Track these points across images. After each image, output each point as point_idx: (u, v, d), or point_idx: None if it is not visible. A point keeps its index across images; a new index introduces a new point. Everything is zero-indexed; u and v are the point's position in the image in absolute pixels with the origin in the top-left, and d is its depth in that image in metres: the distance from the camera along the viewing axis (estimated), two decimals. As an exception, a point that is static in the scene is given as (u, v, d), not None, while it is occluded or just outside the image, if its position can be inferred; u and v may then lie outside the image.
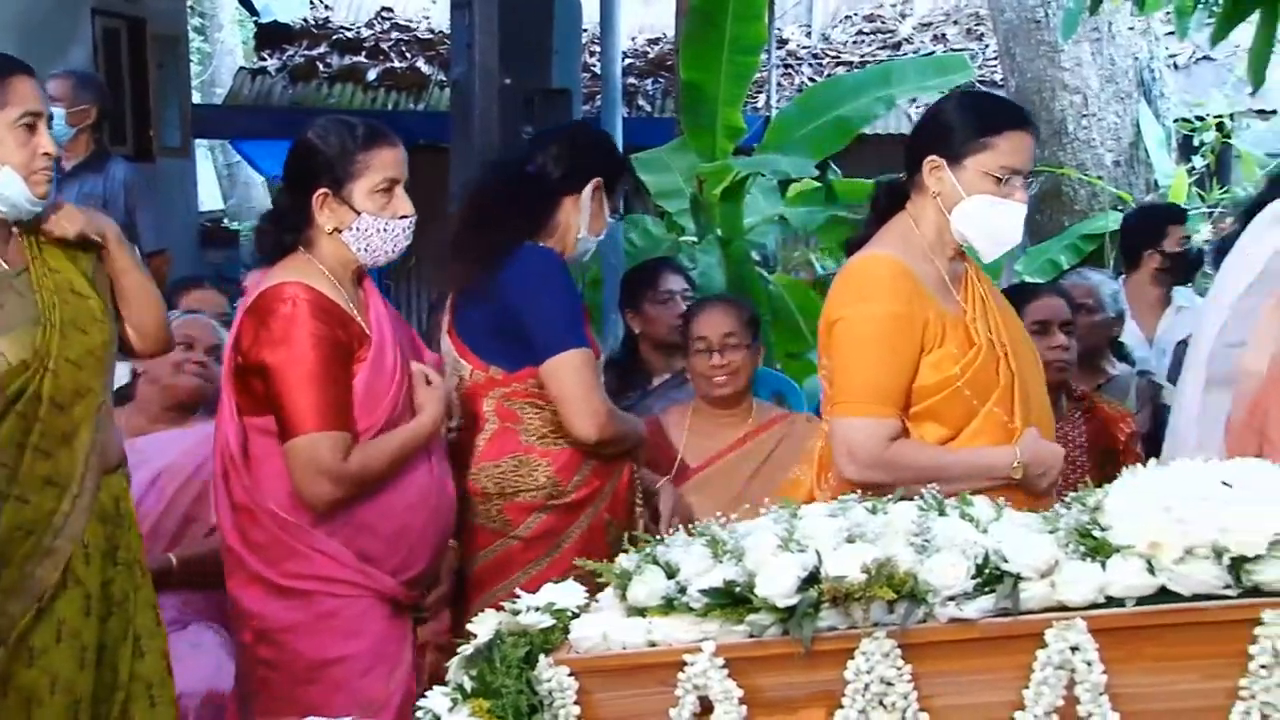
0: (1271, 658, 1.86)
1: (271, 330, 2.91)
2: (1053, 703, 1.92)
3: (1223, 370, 3.19)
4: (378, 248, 3.01)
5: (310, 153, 3.01)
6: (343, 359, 2.93)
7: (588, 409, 3.13)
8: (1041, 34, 8.11)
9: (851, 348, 2.85)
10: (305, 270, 2.98)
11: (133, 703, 2.97)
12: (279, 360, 2.89)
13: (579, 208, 3.28)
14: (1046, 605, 1.96)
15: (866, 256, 2.93)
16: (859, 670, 1.97)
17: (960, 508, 2.15)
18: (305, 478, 2.87)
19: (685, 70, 7.12)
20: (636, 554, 2.15)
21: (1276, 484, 2.05)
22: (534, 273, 3.20)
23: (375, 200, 2.98)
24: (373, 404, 2.95)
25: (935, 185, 2.88)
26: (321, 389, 2.88)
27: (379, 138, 3.02)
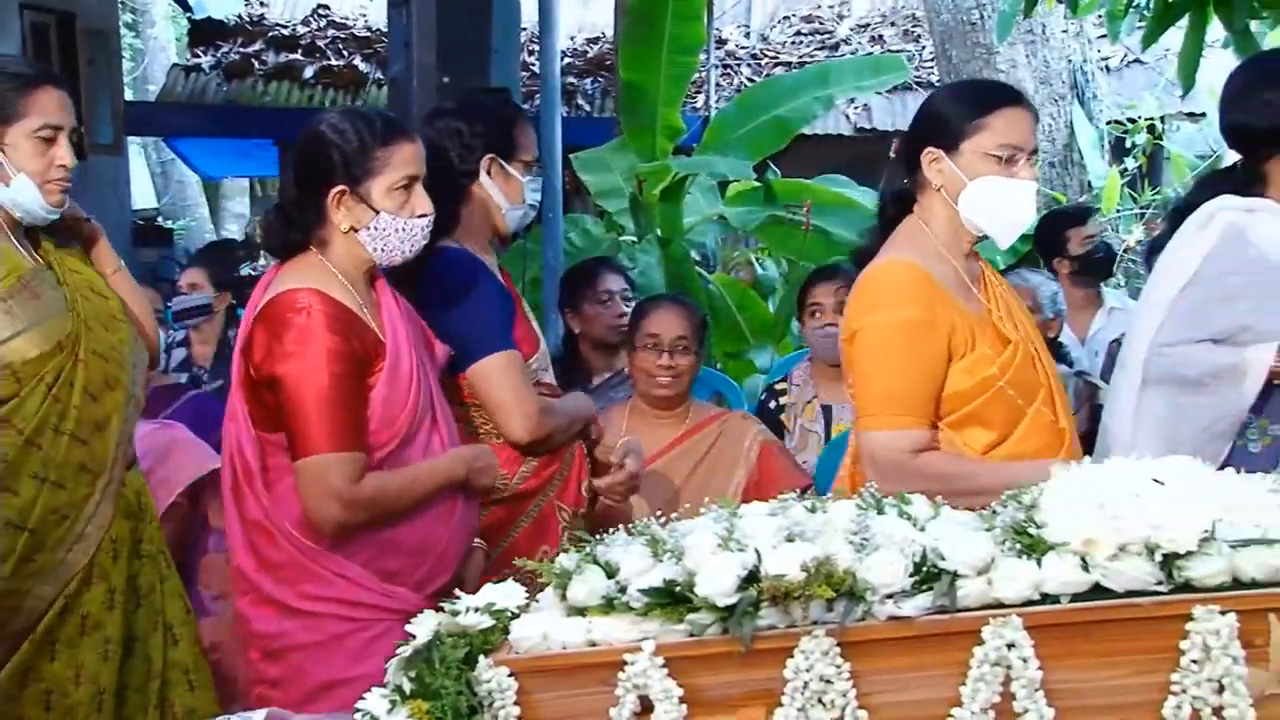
0: (1202, 653, 1.89)
1: (284, 343, 2.78)
2: (989, 699, 1.94)
3: (1158, 370, 3.24)
4: (394, 247, 2.88)
5: (325, 148, 2.85)
6: (358, 374, 2.81)
7: (517, 411, 3.05)
8: (977, 36, 8.19)
9: (870, 358, 2.78)
10: (318, 274, 2.85)
11: (171, 689, 3.07)
12: (292, 376, 2.76)
13: (485, 189, 3.21)
14: (983, 602, 1.98)
15: (882, 263, 2.86)
16: (798, 668, 1.97)
17: (898, 506, 2.16)
18: (315, 499, 2.76)
19: (624, 70, 7.13)
20: (576, 553, 2.15)
21: (1207, 482, 2.09)
22: (451, 279, 3.12)
23: (394, 198, 2.85)
24: (391, 416, 2.84)
25: (937, 178, 2.82)
26: (335, 408, 2.76)
27: (398, 132, 2.90)
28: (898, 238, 2.90)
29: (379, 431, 2.83)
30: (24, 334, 2.86)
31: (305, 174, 2.90)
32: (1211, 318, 3.17)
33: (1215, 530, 1.93)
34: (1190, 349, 3.18)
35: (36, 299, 2.90)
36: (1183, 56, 3.98)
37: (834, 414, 4.65)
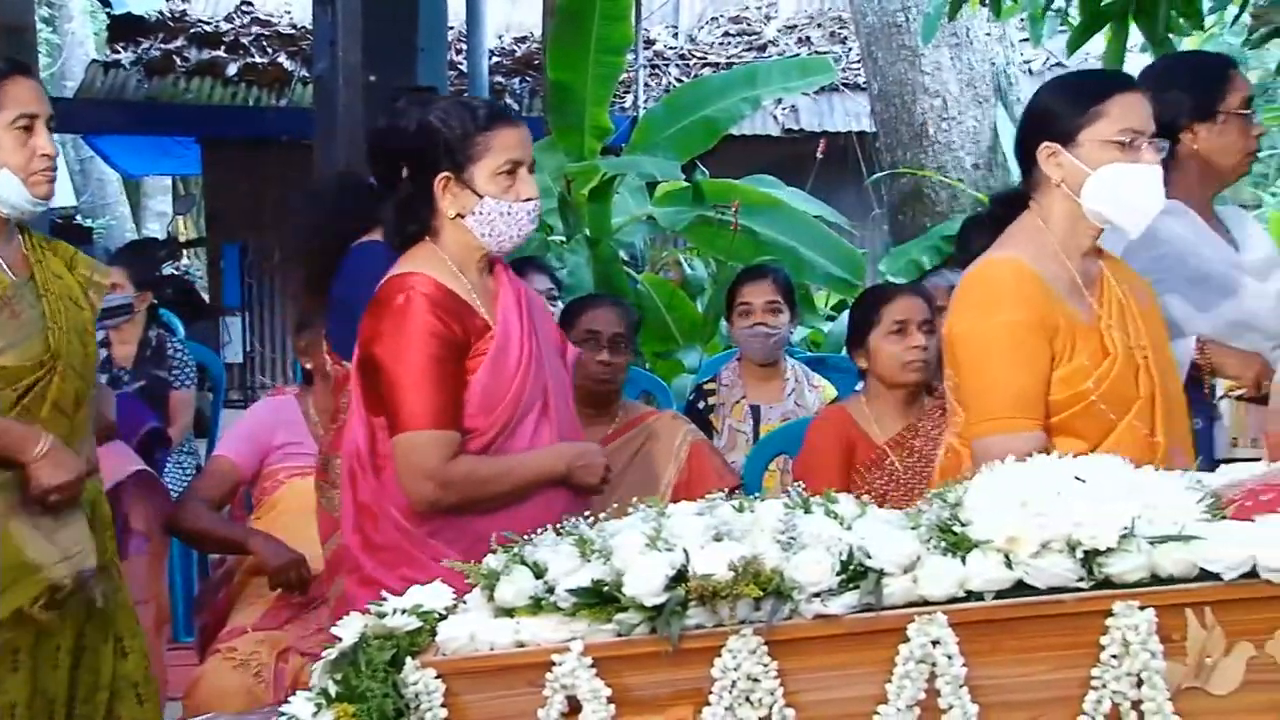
0: (1121, 648, 1.92)
1: (384, 323, 2.82)
2: (914, 696, 1.95)
3: None
4: (502, 232, 2.88)
5: (431, 136, 2.87)
6: (455, 356, 2.81)
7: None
8: (902, 38, 8.26)
9: (976, 362, 2.69)
10: (429, 261, 2.88)
11: (119, 701, 3.03)
12: (389, 354, 2.80)
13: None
14: (909, 600, 1.99)
15: (988, 260, 2.77)
16: (726, 667, 1.98)
17: (825, 505, 2.17)
18: (408, 476, 2.78)
19: (552, 70, 7.12)
20: (504, 553, 2.14)
21: (1127, 479, 2.12)
22: (365, 269, 3.07)
23: (498, 183, 2.87)
24: (491, 404, 2.84)
25: (1057, 173, 2.71)
26: (429, 387, 2.78)
27: (500, 118, 2.92)
28: (1013, 235, 2.80)
29: (476, 417, 2.83)
30: (2, 354, 2.83)
31: (415, 163, 2.92)
32: None
33: (1135, 527, 1.96)
34: None
35: (16, 318, 2.87)
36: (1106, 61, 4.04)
37: (762, 414, 4.67)
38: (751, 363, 4.77)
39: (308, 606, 3.64)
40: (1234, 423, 3.19)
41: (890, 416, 3.74)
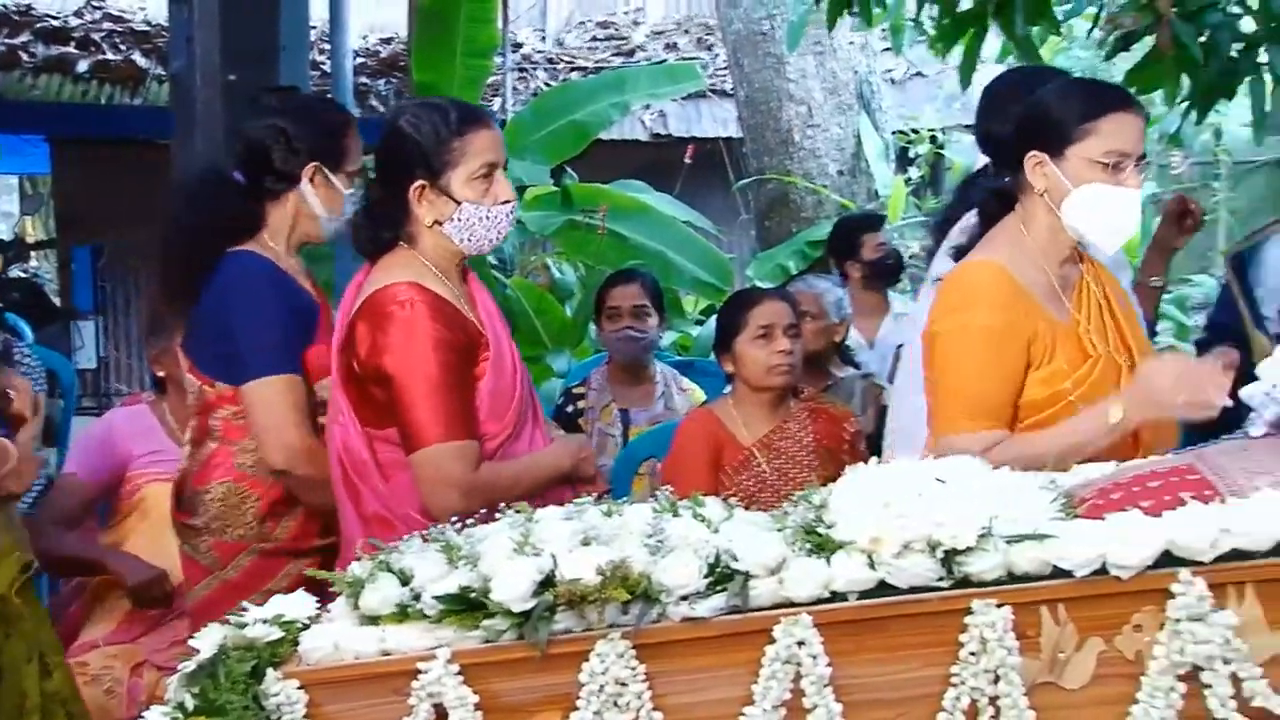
0: (979, 645, 1.96)
1: (389, 335, 2.74)
2: (780, 696, 1.97)
3: None
4: (481, 236, 2.85)
5: (403, 142, 2.83)
6: (464, 364, 2.78)
7: (277, 440, 2.93)
8: (768, 45, 8.34)
9: (949, 363, 2.72)
10: (412, 268, 2.81)
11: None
12: (400, 368, 2.72)
13: (305, 197, 3.09)
14: (775, 602, 2.01)
15: (969, 264, 2.79)
16: (593, 672, 1.98)
17: (692, 508, 2.19)
18: (433, 490, 2.71)
19: (418, 72, 7.06)
20: (369, 561, 2.11)
21: (986, 480, 2.17)
22: (241, 287, 3.01)
23: (475, 187, 2.83)
24: (501, 408, 2.82)
25: (1040, 182, 2.73)
26: (446, 398, 2.72)
27: (474, 120, 2.87)
28: (995, 237, 2.82)
29: (487, 423, 2.80)
30: None
31: (386, 170, 2.89)
32: None
33: (993, 527, 2.00)
34: None
35: None
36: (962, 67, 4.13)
37: (631, 417, 4.68)
38: (620, 367, 4.78)
39: (163, 619, 3.55)
40: None
41: (757, 419, 3.77)
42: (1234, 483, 2.09)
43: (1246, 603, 1.95)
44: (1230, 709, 1.93)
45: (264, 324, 2.98)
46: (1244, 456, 2.17)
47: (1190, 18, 3.66)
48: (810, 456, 3.79)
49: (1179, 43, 3.61)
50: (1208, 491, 2.08)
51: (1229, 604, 1.94)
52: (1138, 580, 1.96)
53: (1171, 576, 1.94)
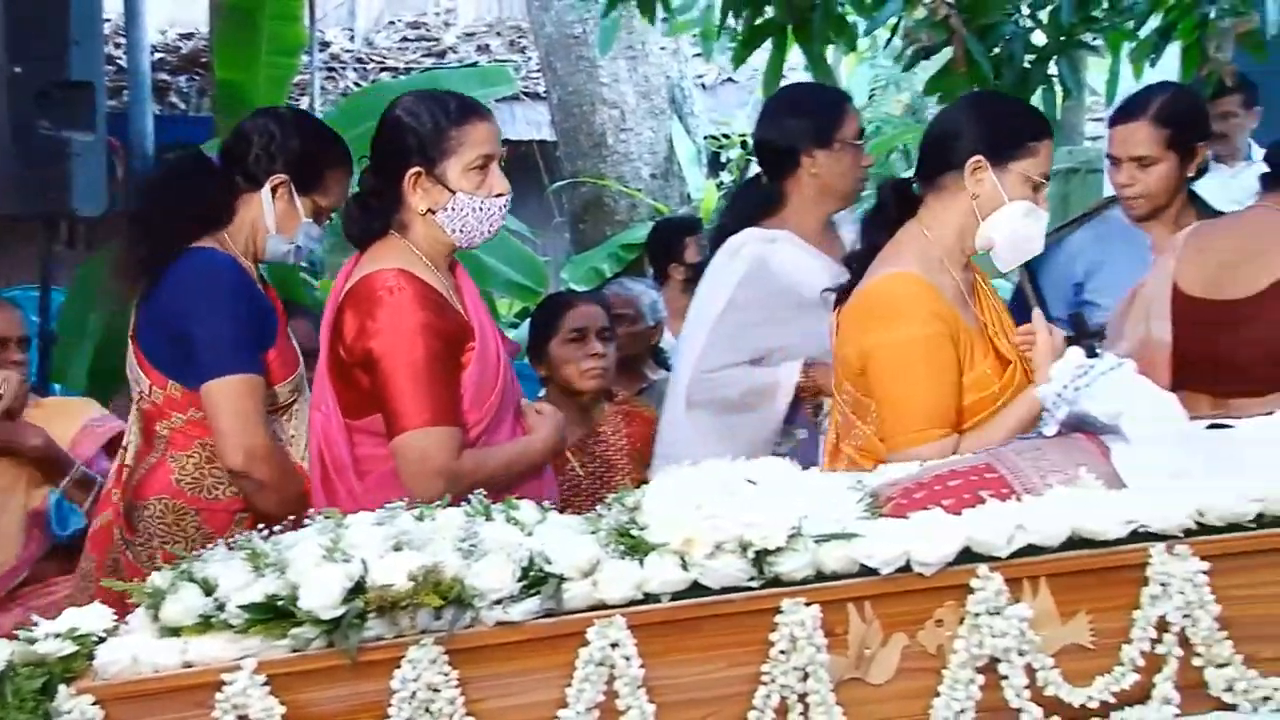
0: (789, 643, 1.99)
1: (376, 320, 2.73)
2: (594, 698, 1.98)
3: (703, 393, 3.50)
4: (473, 228, 2.85)
5: (400, 131, 2.83)
6: (451, 350, 2.77)
7: (238, 442, 2.85)
8: (580, 49, 8.36)
9: (894, 378, 2.73)
10: (402, 256, 2.80)
11: None
12: (385, 352, 2.71)
13: (260, 205, 3.01)
14: (589, 604, 2.02)
15: (889, 276, 2.79)
16: (406, 678, 1.96)
17: (506, 511, 2.18)
18: (417, 476, 2.67)
19: (220, 69, 6.86)
20: (170, 571, 2.05)
21: (795, 480, 2.20)
22: (203, 284, 2.92)
23: (470, 178, 2.82)
24: (483, 396, 2.81)
25: (974, 187, 2.77)
26: (431, 383, 2.71)
27: (472, 112, 2.87)
28: (900, 247, 2.83)
29: (470, 411, 2.79)
30: None
31: (382, 158, 2.87)
32: (747, 341, 3.48)
33: (802, 527, 2.03)
34: (731, 371, 3.48)
35: None
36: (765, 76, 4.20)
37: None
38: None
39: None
40: None
41: (571, 423, 3.76)
42: (1029, 481, 2.18)
43: (1040, 596, 2.02)
44: (1025, 699, 2.01)
45: (226, 323, 2.91)
46: (1038, 456, 2.25)
47: (982, 34, 3.80)
48: (624, 459, 3.81)
49: (971, 58, 3.75)
50: (1005, 490, 2.16)
51: (1024, 597, 2.02)
52: (939, 576, 2.02)
53: (971, 572, 2.01)
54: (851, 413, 2.87)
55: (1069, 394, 2.27)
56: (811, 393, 3.45)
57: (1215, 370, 2.98)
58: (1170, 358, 3.07)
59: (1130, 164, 3.47)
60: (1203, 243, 3.17)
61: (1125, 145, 3.48)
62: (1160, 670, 2.02)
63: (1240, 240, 3.13)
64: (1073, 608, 2.03)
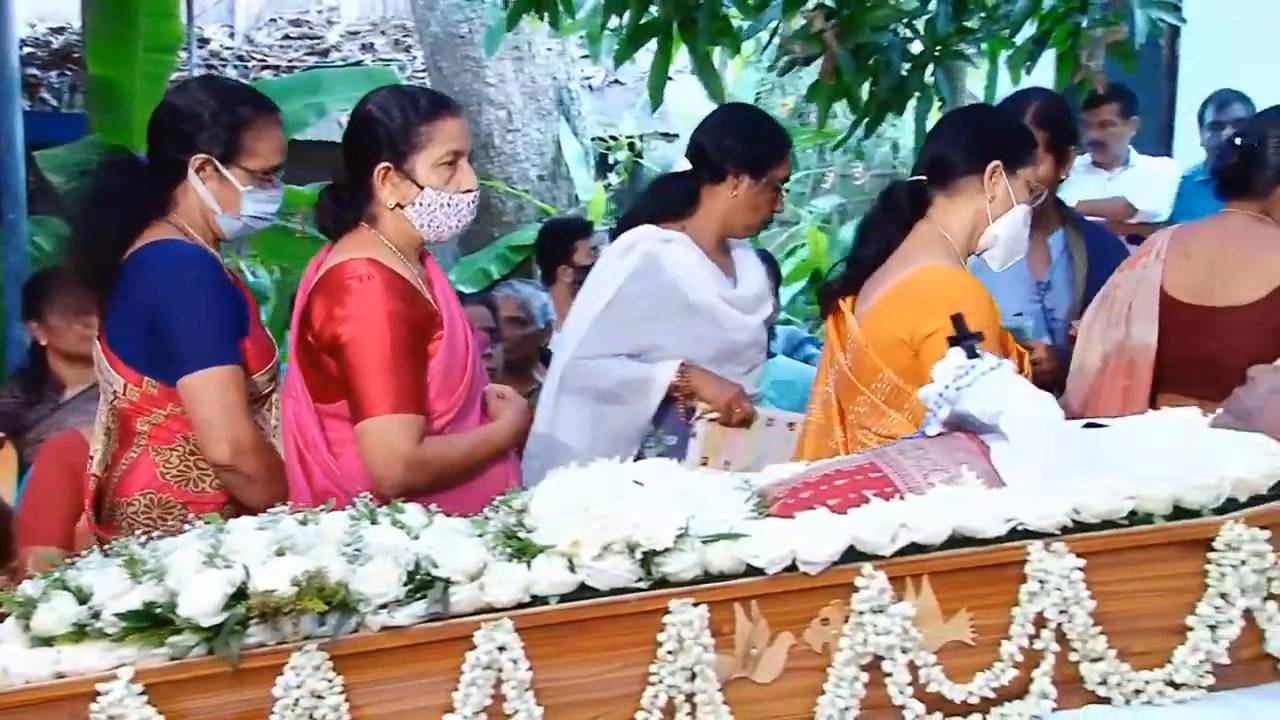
0: (676, 644, 2.00)
1: (345, 306, 2.75)
2: (481, 702, 1.97)
3: (576, 379, 3.57)
4: (441, 223, 2.87)
5: (370, 125, 2.86)
6: (418, 338, 2.79)
7: (223, 434, 2.77)
8: (467, 49, 8.31)
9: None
10: (372, 247, 2.83)
11: None
12: (353, 338, 2.74)
13: (194, 189, 2.91)
14: (476, 608, 2.00)
15: (935, 267, 2.92)
16: (288, 685, 1.93)
17: (392, 515, 2.16)
18: (378, 461, 2.72)
19: (94, 66, 6.71)
20: (42, 579, 1.99)
21: (681, 481, 2.21)
22: (167, 274, 2.83)
23: (439, 174, 2.84)
24: (451, 385, 2.83)
25: (991, 190, 2.94)
26: (396, 371, 2.73)
27: (442, 108, 2.89)
28: (926, 243, 2.97)
29: (437, 400, 2.81)
30: None
31: (353, 151, 2.90)
32: (628, 335, 3.55)
33: (689, 527, 2.04)
34: (606, 362, 3.55)
35: None
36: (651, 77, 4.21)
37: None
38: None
39: None
40: (706, 442, 3.50)
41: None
42: (912, 480, 2.21)
43: (923, 594, 2.05)
44: (908, 695, 2.03)
45: (202, 315, 2.83)
46: (920, 455, 2.28)
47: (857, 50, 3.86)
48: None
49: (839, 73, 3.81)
50: (889, 489, 2.19)
51: (907, 596, 2.05)
52: (825, 576, 2.04)
53: (855, 571, 2.03)
54: (884, 402, 2.98)
55: (950, 394, 2.31)
56: (685, 394, 3.50)
57: (1200, 375, 3.10)
58: (1153, 360, 3.21)
59: None
60: (1186, 248, 3.32)
61: None
62: (1038, 666, 2.07)
63: (1227, 247, 3.26)
64: (954, 605, 2.06)
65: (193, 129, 2.90)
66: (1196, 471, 2.14)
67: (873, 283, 3.06)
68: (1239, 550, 2.09)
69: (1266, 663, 2.14)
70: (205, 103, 2.93)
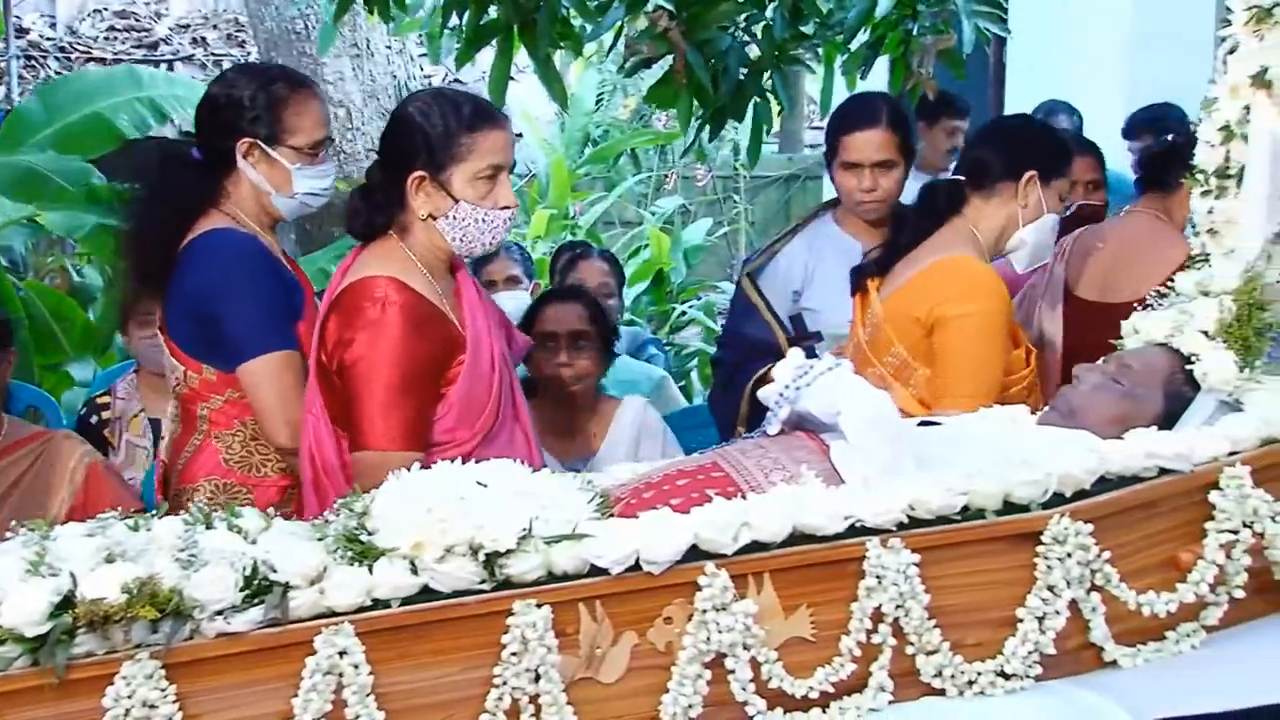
0: (520, 645, 2.00)
1: (356, 330, 2.65)
2: (321, 708, 1.94)
3: None
4: (474, 239, 2.74)
5: (409, 130, 2.71)
6: (432, 370, 2.67)
7: (282, 418, 2.77)
8: (303, 46, 8.16)
9: (970, 344, 2.98)
10: (398, 262, 2.70)
11: None
12: (361, 367, 2.63)
13: (245, 173, 2.89)
14: (316, 612, 1.97)
15: (962, 256, 3.08)
16: (119, 695, 1.88)
17: (228, 519, 2.11)
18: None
19: (-95, 53, 6.43)
20: None
21: (524, 481, 2.20)
22: (219, 262, 2.80)
23: (476, 188, 2.70)
24: (473, 414, 2.71)
25: (1024, 198, 3.12)
26: (401, 406, 2.62)
27: (487, 119, 2.73)
28: (954, 236, 3.14)
29: (458, 429, 2.69)
30: None
31: (388, 156, 2.78)
32: None
33: (532, 528, 2.04)
34: None
35: None
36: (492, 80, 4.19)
37: (163, 428, 4.47)
38: (151, 374, 4.54)
39: None
40: None
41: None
42: (753, 479, 2.24)
43: (765, 591, 2.08)
44: (750, 692, 2.06)
45: (256, 301, 2.82)
46: (761, 454, 2.32)
47: (701, 46, 3.89)
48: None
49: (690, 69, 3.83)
50: (730, 488, 2.21)
51: (749, 593, 2.07)
52: (668, 575, 2.05)
53: (699, 570, 2.05)
54: (892, 374, 3.10)
55: (790, 393, 2.34)
56: None
57: None
58: (1060, 357, 3.43)
59: (872, 169, 3.59)
60: (1087, 246, 3.59)
61: (868, 151, 3.58)
62: (876, 660, 2.11)
63: (1126, 246, 3.49)
64: (795, 602, 2.09)
65: (233, 115, 2.89)
66: (1025, 468, 2.21)
67: (904, 265, 3.23)
68: (1065, 543, 2.16)
69: (1090, 651, 2.22)
70: (241, 88, 2.91)
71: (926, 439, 2.42)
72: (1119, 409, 2.49)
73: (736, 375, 3.64)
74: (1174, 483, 2.27)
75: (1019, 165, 3.16)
